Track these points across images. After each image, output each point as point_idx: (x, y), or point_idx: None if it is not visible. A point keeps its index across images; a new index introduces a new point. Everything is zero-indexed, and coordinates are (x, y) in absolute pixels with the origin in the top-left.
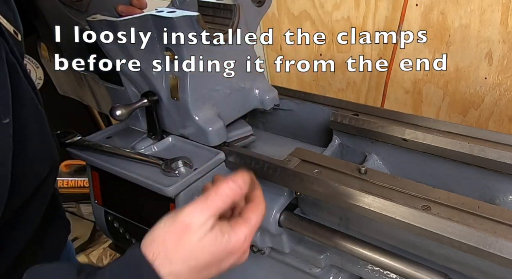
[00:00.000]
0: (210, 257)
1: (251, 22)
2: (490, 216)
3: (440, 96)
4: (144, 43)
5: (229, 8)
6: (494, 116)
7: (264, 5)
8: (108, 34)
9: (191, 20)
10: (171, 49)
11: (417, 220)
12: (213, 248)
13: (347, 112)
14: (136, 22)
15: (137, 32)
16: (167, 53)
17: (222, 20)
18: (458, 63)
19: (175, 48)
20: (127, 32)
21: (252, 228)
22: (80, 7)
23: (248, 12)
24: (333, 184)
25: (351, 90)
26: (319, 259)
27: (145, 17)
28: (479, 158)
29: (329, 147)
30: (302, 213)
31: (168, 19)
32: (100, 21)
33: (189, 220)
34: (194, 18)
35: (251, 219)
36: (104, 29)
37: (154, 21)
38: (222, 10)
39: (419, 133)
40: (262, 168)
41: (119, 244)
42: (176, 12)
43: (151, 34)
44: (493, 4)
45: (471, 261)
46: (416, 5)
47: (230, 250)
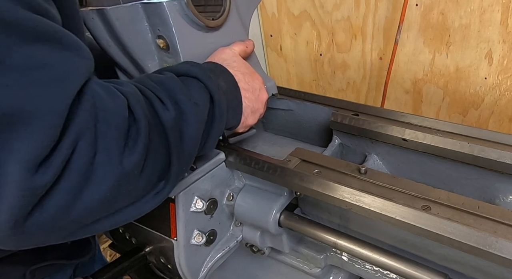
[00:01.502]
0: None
1: (243, 11)
2: (490, 216)
3: (440, 96)
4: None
5: None
6: (494, 116)
7: None
8: (99, 23)
9: (180, 5)
10: (163, 36)
11: (417, 220)
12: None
13: (347, 112)
14: (127, 10)
15: (128, 20)
16: (159, 41)
17: (213, 8)
18: (458, 63)
19: (166, 35)
20: (119, 21)
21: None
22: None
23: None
24: (333, 184)
25: (351, 90)
26: (319, 259)
27: (135, 5)
28: (479, 158)
29: (329, 147)
30: (302, 213)
31: (158, 5)
32: (90, 10)
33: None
34: (183, 2)
35: None
36: (95, 19)
37: (145, 9)
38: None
39: (419, 133)
40: (262, 168)
41: (119, 244)
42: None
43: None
44: (493, 4)
45: (471, 261)
46: (416, 5)
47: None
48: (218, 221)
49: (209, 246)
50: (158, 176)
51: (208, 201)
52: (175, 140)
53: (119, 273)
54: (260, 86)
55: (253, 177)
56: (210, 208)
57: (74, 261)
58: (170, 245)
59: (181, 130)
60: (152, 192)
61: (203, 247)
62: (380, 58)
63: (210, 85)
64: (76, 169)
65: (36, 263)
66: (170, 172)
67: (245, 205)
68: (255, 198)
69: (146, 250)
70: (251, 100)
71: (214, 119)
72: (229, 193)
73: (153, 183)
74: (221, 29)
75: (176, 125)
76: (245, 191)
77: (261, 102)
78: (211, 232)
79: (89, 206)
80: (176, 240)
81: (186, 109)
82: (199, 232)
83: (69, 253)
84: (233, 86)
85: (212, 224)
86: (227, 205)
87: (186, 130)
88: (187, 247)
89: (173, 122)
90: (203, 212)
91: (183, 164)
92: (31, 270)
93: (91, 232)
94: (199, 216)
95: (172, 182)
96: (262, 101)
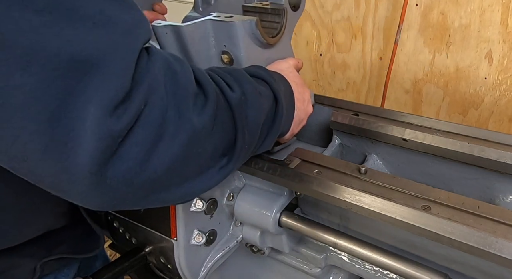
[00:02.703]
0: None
1: (288, 25)
2: (490, 216)
3: (440, 96)
4: (209, 48)
5: (277, 12)
6: (494, 116)
7: (299, 9)
8: (171, 39)
9: (250, 25)
10: (228, 52)
11: (417, 220)
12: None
13: (347, 112)
14: (199, 27)
15: (199, 36)
16: (224, 56)
17: (269, 24)
18: (458, 63)
19: (232, 51)
20: (190, 36)
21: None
22: None
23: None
24: (333, 184)
25: (351, 90)
26: (319, 259)
27: (206, 21)
28: (479, 158)
29: (329, 147)
30: (302, 213)
31: (230, 24)
32: (165, 26)
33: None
34: (253, 22)
35: None
36: (169, 34)
37: (214, 25)
38: (269, 15)
39: (419, 133)
40: (262, 168)
41: (119, 244)
42: (234, 17)
43: (209, 38)
44: (493, 4)
45: (471, 261)
46: (416, 5)
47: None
48: (218, 221)
49: (209, 246)
50: (224, 148)
51: (208, 201)
52: (240, 118)
53: (119, 273)
54: (309, 99)
55: (253, 177)
56: (210, 208)
57: (83, 255)
58: (170, 245)
59: (246, 111)
60: (217, 166)
61: (203, 247)
62: (380, 58)
63: (275, 87)
64: (149, 122)
65: (46, 257)
66: (235, 148)
67: (245, 205)
68: (255, 198)
69: (146, 250)
70: (301, 110)
71: (275, 118)
72: (229, 193)
73: (219, 154)
74: (276, 46)
75: (240, 105)
76: (245, 191)
77: (307, 114)
78: (211, 232)
79: (164, 162)
80: (176, 240)
81: (250, 96)
82: (199, 232)
83: (78, 247)
84: (289, 94)
85: (212, 224)
86: (227, 205)
87: (250, 113)
88: (187, 247)
89: (238, 102)
90: (203, 212)
91: (247, 144)
92: (41, 264)
93: (164, 200)
94: (199, 216)
95: (235, 159)
96: (307, 113)
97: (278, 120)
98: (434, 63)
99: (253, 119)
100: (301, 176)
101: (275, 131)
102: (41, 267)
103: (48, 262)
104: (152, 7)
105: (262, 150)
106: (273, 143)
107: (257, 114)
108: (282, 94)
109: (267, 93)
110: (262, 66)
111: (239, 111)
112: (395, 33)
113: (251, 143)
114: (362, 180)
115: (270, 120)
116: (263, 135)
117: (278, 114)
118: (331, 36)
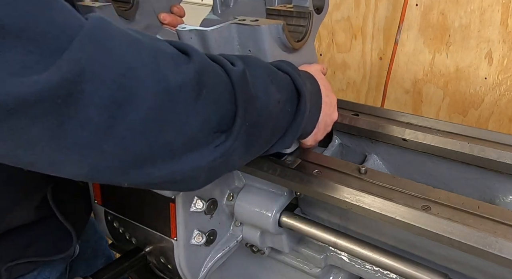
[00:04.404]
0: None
1: (313, 29)
2: (490, 216)
3: (440, 96)
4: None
5: (302, 15)
6: (494, 116)
7: (322, 12)
8: (196, 43)
9: (277, 29)
10: None
11: (417, 220)
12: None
13: (347, 112)
14: (224, 31)
15: (223, 40)
16: None
17: (294, 27)
18: (458, 63)
19: (257, 55)
20: (215, 41)
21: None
22: (127, 15)
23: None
24: (333, 184)
25: (351, 90)
26: (319, 259)
27: (231, 25)
28: (479, 158)
29: (329, 147)
30: (302, 213)
31: (256, 28)
32: (190, 30)
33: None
34: (280, 27)
35: None
36: (193, 38)
37: (238, 29)
38: (294, 18)
39: (419, 133)
40: (262, 167)
41: (119, 244)
42: (259, 20)
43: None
44: (493, 4)
45: (471, 261)
46: (416, 5)
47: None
48: (218, 221)
49: (209, 246)
50: (220, 123)
51: (208, 201)
52: (242, 94)
53: (119, 273)
54: (335, 105)
55: (253, 177)
56: (210, 208)
57: (53, 257)
58: (170, 245)
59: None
60: (212, 144)
61: (203, 247)
62: (380, 58)
63: (298, 81)
64: (98, 78)
65: (13, 260)
66: (234, 125)
67: (245, 205)
68: (255, 198)
69: (146, 250)
70: (327, 114)
71: (297, 114)
72: (229, 192)
73: (213, 129)
74: (300, 50)
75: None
76: (245, 190)
77: (332, 120)
78: (211, 232)
79: (132, 126)
80: (176, 240)
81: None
82: (199, 232)
83: (48, 250)
84: (316, 93)
85: (212, 224)
86: (227, 205)
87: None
88: (187, 247)
89: (240, 77)
90: (203, 212)
91: (251, 125)
92: (6, 267)
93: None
94: (199, 216)
95: (234, 136)
96: (333, 120)
97: (300, 116)
98: (434, 63)
99: (261, 102)
100: (301, 176)
101: (295, 128)
102: (7, 270)
103: (16, 265)
104: (170, 9)
105: (281, 147)
106: (293, 142)
107: (265, 98)
108: (308, 92)
109: (284, 84)
110: (290, 62)
111: (241, 87)
112: (395, 33)
113: (257, 125)
114: (362, 180)
115: (290, 115)
116: (281, 129)
117: (301, 110)
118: (331, 36)
